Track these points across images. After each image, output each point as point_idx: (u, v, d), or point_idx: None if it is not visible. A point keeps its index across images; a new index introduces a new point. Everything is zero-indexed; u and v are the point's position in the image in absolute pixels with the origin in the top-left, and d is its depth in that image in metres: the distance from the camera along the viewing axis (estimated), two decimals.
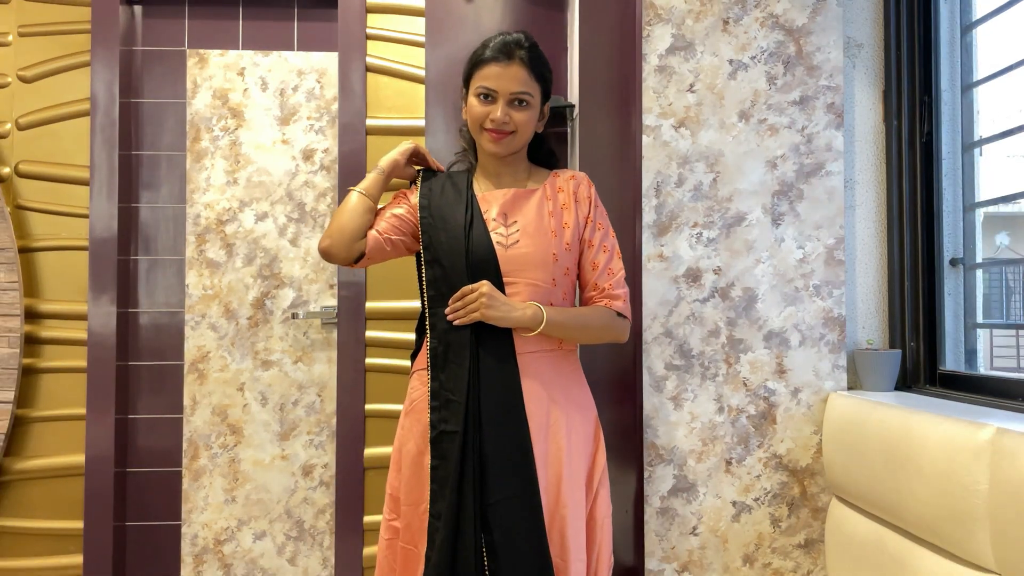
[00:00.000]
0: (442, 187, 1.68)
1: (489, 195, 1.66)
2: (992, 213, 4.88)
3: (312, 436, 2.58)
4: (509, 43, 1.61)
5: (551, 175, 1.72)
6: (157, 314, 2.58)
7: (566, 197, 1.68)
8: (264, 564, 2.56)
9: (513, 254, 1.59)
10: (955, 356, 2.06)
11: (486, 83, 1.60)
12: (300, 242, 2.60)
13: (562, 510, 1.52)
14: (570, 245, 1.64)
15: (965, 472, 1.41)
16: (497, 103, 1.60)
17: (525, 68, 1.60)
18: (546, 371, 1.59)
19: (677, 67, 2.03)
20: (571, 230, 1.65)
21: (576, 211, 1.67)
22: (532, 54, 1.62)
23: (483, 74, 1.61)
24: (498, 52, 1.60)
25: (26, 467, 2.47)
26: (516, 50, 1.60)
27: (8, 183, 2.51)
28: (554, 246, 1.61)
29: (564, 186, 1.69)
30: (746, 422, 2.00)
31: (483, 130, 1.62)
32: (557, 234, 1.62)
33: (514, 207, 1.64)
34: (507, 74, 1.59)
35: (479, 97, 1.62)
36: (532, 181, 1.70)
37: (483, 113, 1.61)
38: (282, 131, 2.61)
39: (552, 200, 1.66)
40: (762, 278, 2.02)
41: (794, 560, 2.00)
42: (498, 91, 1.60)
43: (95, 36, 2.48)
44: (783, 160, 2.03)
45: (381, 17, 2.56)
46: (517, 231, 1.61)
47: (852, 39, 2.14)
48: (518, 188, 1.67)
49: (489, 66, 1.60)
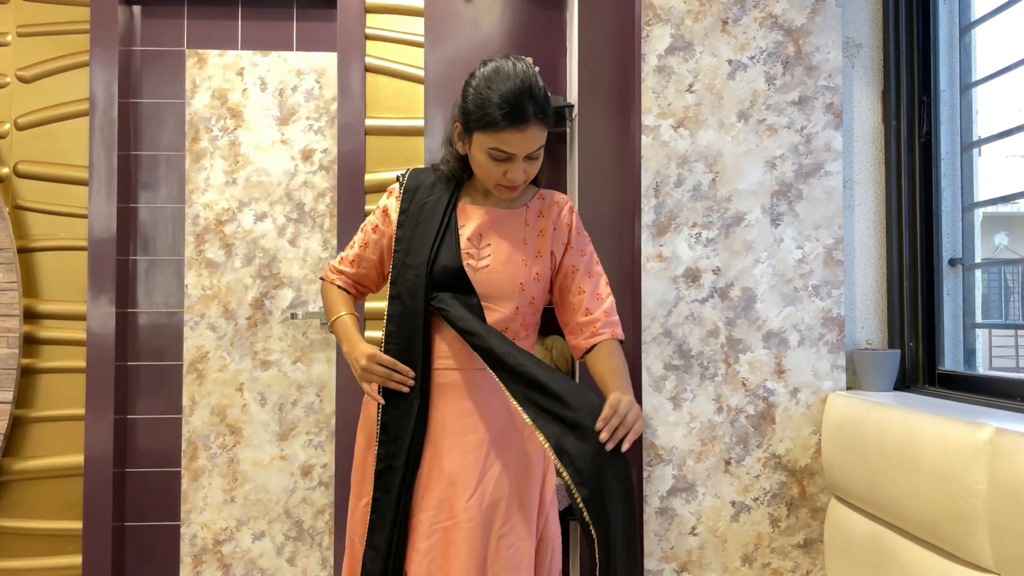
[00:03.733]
0: (421, 207, 1.62)
1: (471, 208, 1.63)
2: (991, 213, 4.89)
3: (311, 436, 2.58)
4: (523, 103, 1.47)
5: (536, 196, 1.67)
6: (156, 314, 2.58)
7: (545, 223, 1.63)
8: (263, 564, 2.56)
9: (480, 278, 1.57)
10: (954, 356, 2.06)
11: (503, 147, 1.50)
12: (299, 242, 2.60)
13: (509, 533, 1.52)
14: (539, 275, 1.60)
15: (964, 472, 1.42)
16: (514, 162, 1.52)
17: (540, 125, 1.50)
18: (499, 401, 1.58)
19: (676, 67, 2.03)
20: (544, 260, 1.61)
21: (552, 239, 1.63)
22: (543, 104, 1.50)
23: (499, 138, 1.49)
24: (514, 119, 1.47)
25: (25, 467, 2.47)
26: (530, 107, 1.48)
27: (7, 183, 2.50)
28: (522, 275, 1.58)
29: (546, 211, 1.65)
30: (745, 422, 2.00)
31: (497, 185, 1.56)
32: (527, 263, 1.59)
33: (491, 228, 1.60)
34: (526, 138, 1.49)
35: (492, 157, 1.52)
36: (517, 200, 1.65)
37: (498, 172, 1.53)
38: (281, 131, 2.61)
39: (531, 226, 1.63)
40: (761, 278, 2.02)
41: (793, 560, 2.00)
42: (517, 154, 1.51)
43: (94, 36, 2.48)
44: (782, 160, 2.03)
45: (380, 17, 2.56)
46: (488, 256, 1.58)
47: (851, 39, 2.14)
48: (499, 208, 1.63)
49: (505, 132, 1.48)
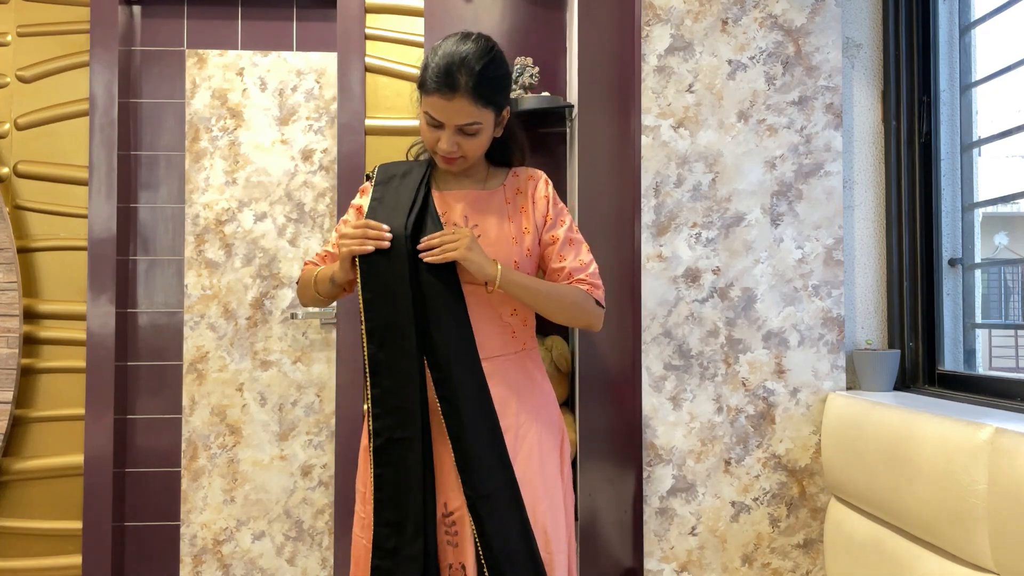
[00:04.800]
0: (396, 192, 1.60)
1: (449, 195, 1.62)
2: (991, 213, 4.89)
3: (311, 436, 2.58)
4: (452, 70, 1.46)
5: (510, 174, 1.67)
6: (156, 314, 2.58)
7: (524, 199, 1.63)
8: (263, 564, 2.56)
9: None
10: (954, 356, 2.06)
11: (431, 112, 1.50)
12: (299, 242, 2.60)
13: (541, 505, 1.53)
14: (530, 250, 1.60)
15: (964, 472, 1.42)
16: (444, 130, 1.51)
17: (470, 98, 1.47)
18: (511, 373, 1.58)
19: (676, 67, 2.03)
20: (530, 235, 1.60)
21: (533, 212, 1.62)
22: (478, 80, 1.47)
23: (429, 102, 1.50)
24: (441, 84, 1.46)
25: (25, 467, 2.47)
26: (460, 78, 1.46)
27: (7, 183, 2.50)
28: (515, 253, 1.57)
29: (523, 187, 1.64)
30: (745, 422, 2.00)
31: (434, 153, 1.58)
32: (517, 240, 1.59)
33: (475, 210, 1.60)
34: (451, 107, 1.48)
35: (427, 122, 1.53)
36: (491, 180, 1.65)
37: (432, 138, 1.54)
38: (281, 131, 2.61)
39: (511, 204, 1.63)
40: (761, 278, 2.02)
41: (793, 560, 2.00)
42: (444, 122, 1.50)
43: (94, 36, 2.48)
44: (782, 160, 2.03)
45: (380, 17, 2.56)
46: (480, 236, 1.57)
47: (851, 39, 2.14)
48: (477, 190, 1.63)
49: (432, 96, 1.49)
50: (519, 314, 1.61)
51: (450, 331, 1.51)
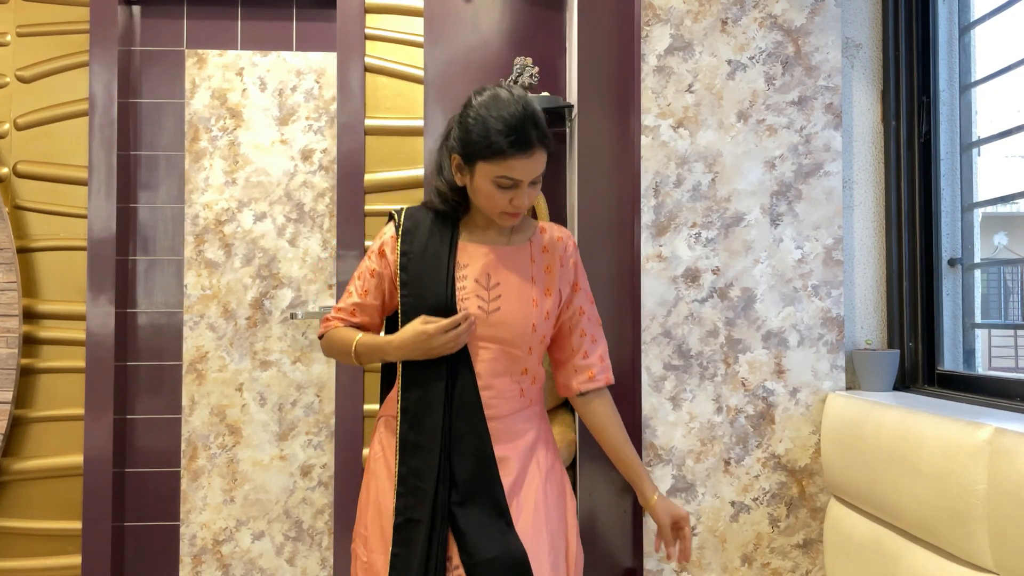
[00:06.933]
0: (423, 249, 1.59)
1: (473, 247, 1.59)
2: (990, 213, 4.89)
3: (311, 436, 2.58)
4: (526, 128, 1.47)
5: (537, 229, 1.65)
6: (155, 314, 2.58)
7: (551, 259, 1.61)
8: (263, 564, 2.56)
9: (494, 320, 1.54)
10: (953, 356, 2.06)
11: (510, 174, 1.48)
12: (299, 242, 2.60)
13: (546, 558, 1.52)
14: (550, 313, 1.58)
15: (963, 472, 1.42)
16: (520, 188, 1.50)
17: (543, 147, 1.50)
18: (518, 428, 1.58)
19: (676, 67, 2.03)
20: (552, 299, 1.59)
21: (560, 276, 1.61)
22: (544, 128, 1.50)
23: (505, 165, 1.47)
24: (520, 145, 1.46)
25: (24, 467, 2.47)
26: (533, 132, 1.47)
27: (6, 183, 2.50)
28: (534, 315, 1.56)
29: (550, 247, 1.63)
30: (745, 422, 2.00)
31: (502, 213, 1.53)
32: (538, 303, 1.57)
33: (498, 267, 1.57)
34: (531, 163, 1.48)
35: (498, 185, 1.49)
36: (518, 234, 1.63)
37: (503, 200, 1.51)
38: (281, 131, 2.61)
39: (536, 263, 1.60)
40: (761, 278, 2.02)
41: (792, 560, 2.00)
42: (523, 179, 1.49)
43: (93, 36, 2.48)
44: (781, 160, 2.03)
45: (380, 17, 2.56)
46: (499, 296, 1.55)
47: (850, 39, 2.14)
48: (502, 245, 1.60)
49: (512, 160, 1.47)
50: (529, 373, 1.60)
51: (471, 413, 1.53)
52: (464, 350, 1.53)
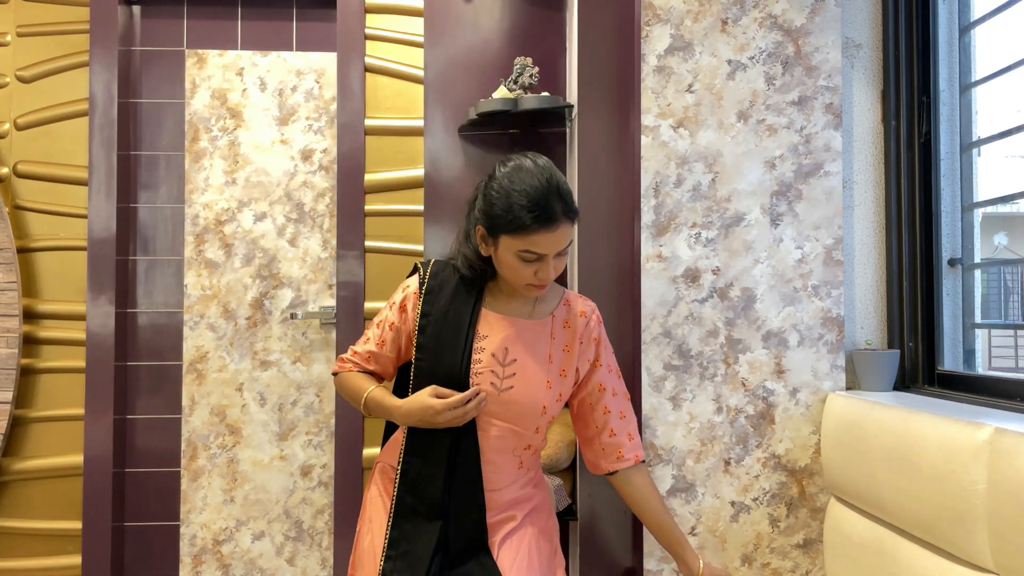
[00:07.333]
0: (444, 313, 1.56)
1: (495, 318, 1.56)
2: (990, 213, 4.89)
3: (311, 436, 2.58)
4: (551, 203, 1.44)
5: (562, 302, 1.61)
6: (156, 314, 2.58)
7: (571, 337, 1.58)
8: (263, 564, 2.56)
9: (505, 399, 1.52)
10: (953, 356, 2.06)
11: (534, 249, 1.45)
12: (299, 242, 2.60)
13: None
14: (562, 396, 1.57)
15: (963, 472, 1.42)
16: (544, 261, 1.47)
17: (568, 220, 1.47)
18: (515, 496, 1.58)
19: (676, 67, 2.03)
20: (568, 379, 1.57)
21: (579, 354, 1.59)
22: (569, 200, 1.47)
23: (529, 240, 1.44)
24: (544, 220, 1.43)
25: (24, 467, 2.47)
26: (558, 206, 1.44)
27: (6, 183, 2.50)
28: (546, 398, 1.53)
29: (572, 322, 1.60)
30: (745, 422, 2.00)
31: (527, 285, 1.51)
32: (552, 385, 1.54)
33: (516, 343, 1.54)
34: (556, 236, 1.45)
35: (522, 259, 1.47)
36: (541, 305, 1.60)
37: (528, 273, 1.48)
38: (281, 131, 2.61)
39: (556, 339, 1.58)
40: (761, 278, 2.02)
41: (792, 560, 2.00)
42: (548, 253, 1.46)
43: (94, 36, 2.48)
44: (782, 160, 2.03)
45: (380, 17, 2.56)
46: (514, 375, 1.53)
47: (851, 39, 2.14)
48: (524, 318, 1.57)
49: (535, 235, 1.43)
50: (532, 448, 1.59)
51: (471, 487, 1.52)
52: (471, 423, 1.51)
